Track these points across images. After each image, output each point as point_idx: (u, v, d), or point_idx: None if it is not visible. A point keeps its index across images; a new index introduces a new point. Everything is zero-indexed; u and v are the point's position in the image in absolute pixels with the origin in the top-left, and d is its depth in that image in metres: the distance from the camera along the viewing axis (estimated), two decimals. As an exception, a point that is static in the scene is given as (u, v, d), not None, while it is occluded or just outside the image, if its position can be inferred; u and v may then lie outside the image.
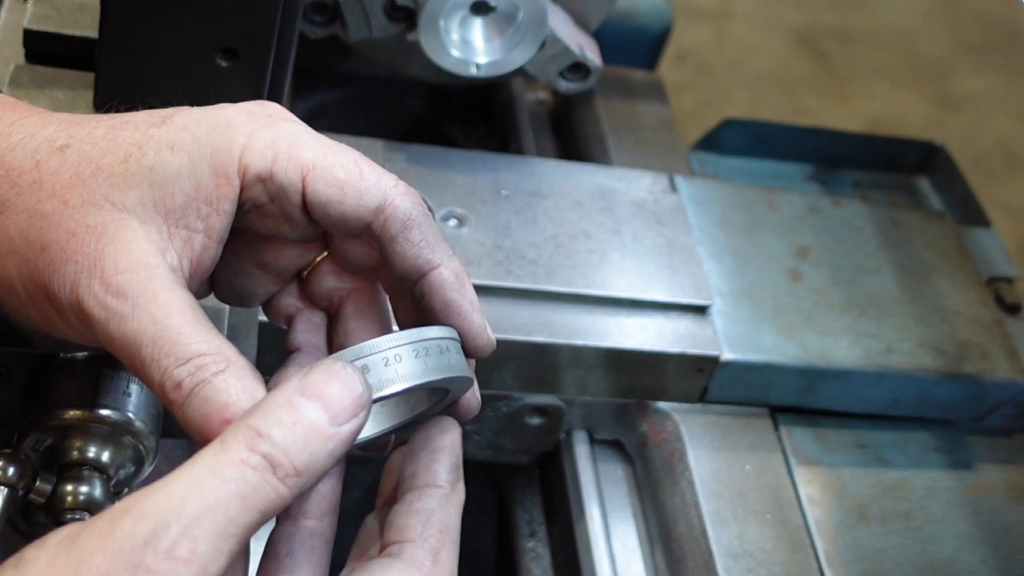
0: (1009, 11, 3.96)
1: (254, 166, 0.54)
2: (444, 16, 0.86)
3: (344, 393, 0.49)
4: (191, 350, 0.50)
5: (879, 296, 0.94)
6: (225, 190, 0.54)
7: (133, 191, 0.53)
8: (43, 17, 0.88)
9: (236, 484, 0.45)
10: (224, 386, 0.50)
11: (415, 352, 0.53)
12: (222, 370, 0.50)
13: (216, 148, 0.54)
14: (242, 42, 0.73)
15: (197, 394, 0.49)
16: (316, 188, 0.55)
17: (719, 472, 0.83)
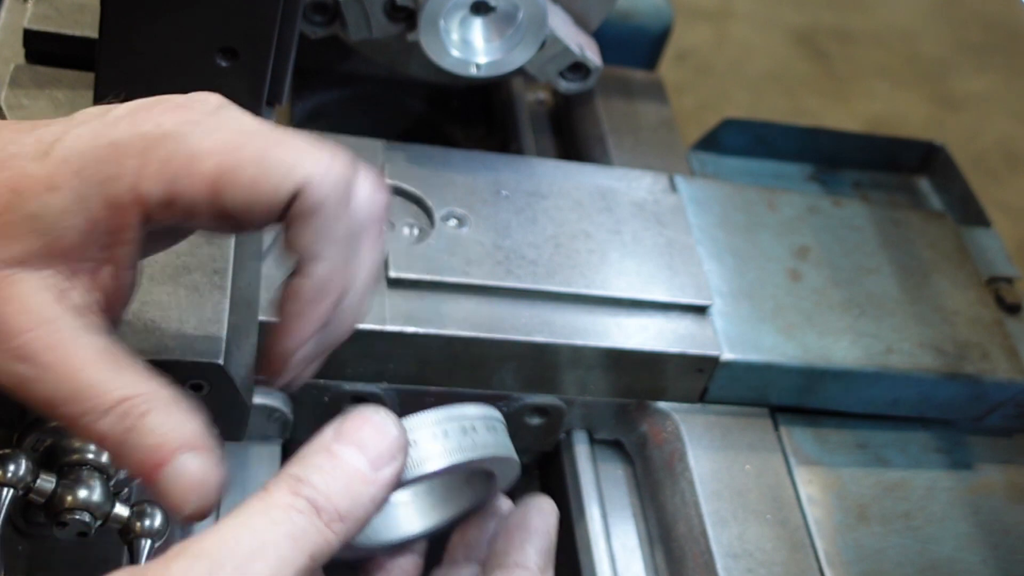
0: (1009, 11, 3.96)
1: (153, 194, 0.49)
2: (444, 16, 0.86)
3: (379, 437, 0.49)
4: (110, 399, 0.48)
5: (879, 296, 0.94)
6: (124, 219, 0.49)
7: (18, 244, 0.48)
8: (43, 17, 0.88)
9: (286, 525, 0.45)
10: (152, 427, 0.48)
11: (447, 432, 0.52)
12: (147, 411, 0.48)
13: (105, 178, 0.48)
14: (242, 42, 0.73)
15: (127, 442, 0.48)
16: (228, 197, 0.49)
17: (719, 472, 0.83)
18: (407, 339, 0.78)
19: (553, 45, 0.92)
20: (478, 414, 0.54)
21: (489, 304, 0.81)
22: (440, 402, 0.83)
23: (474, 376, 0.82)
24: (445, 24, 0.87)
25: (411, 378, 0.81)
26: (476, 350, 0.80)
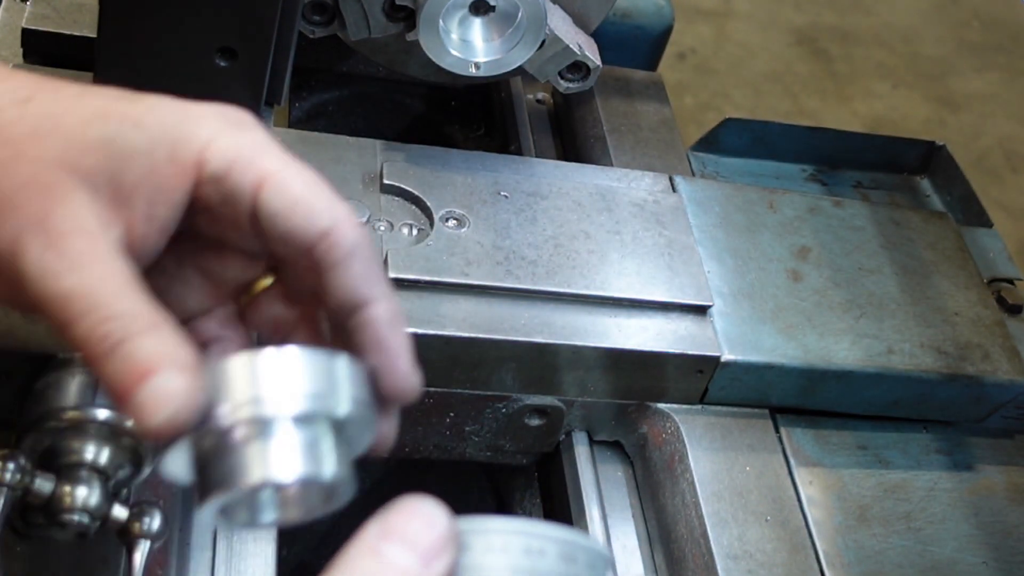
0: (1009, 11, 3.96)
1: (212, 164, 0.53)
2: (443, 16, 0.86)
3: (428, 531, 0.46)
4: (119, 309, 0.49)
5: (880, 297, 0.94)
6: (179, 181, 0.53)
7: (88, 158, 0.52)
8: (41, 17, 0.88)
9: None
10: (146, 345, 0.48)
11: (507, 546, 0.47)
12: (147, 330, 0.49)
13: (179, 137, 0.53)
14: (241, 42, 0.73)
15: (118, 350, 0.48)
16: (268, 198, 0.53)
17: (719, 473, 0.83)
18: (406, 340, 0.77)
19: (553, 44, 0.92)
20: (557, 537, 0.47)
21: (488, 304, 0.81)
22: (440, 403, 0.83)
23: (473, 377, 0.82)
24: (444, 24, 0.87)
25: (410, 379, 0.81)
26: (475, 351, 0.80)
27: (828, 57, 3.54)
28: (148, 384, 0.47)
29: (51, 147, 0.51)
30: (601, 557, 0.48)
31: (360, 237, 0.54)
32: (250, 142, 0.54)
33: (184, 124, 0.53)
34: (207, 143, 0.53)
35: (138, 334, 0.48)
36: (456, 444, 0.88)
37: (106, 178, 0.52)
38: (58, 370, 0.67)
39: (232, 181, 0.53)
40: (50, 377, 0.67)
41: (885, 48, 3.66)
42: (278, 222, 0.53)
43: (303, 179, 0.54)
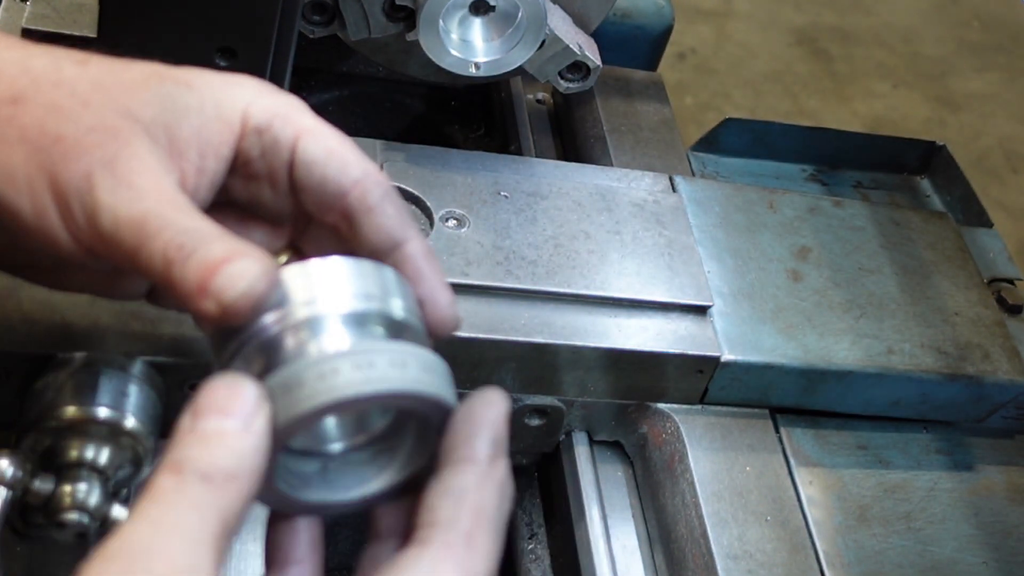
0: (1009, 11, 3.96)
1: (255, 118, 0.58)
2: (443, 16, 0.86)
3: (234, 396, 0.49)
4: (192, 225, 0.53)
5: (880, 297, 0.94)
6: (226, 135, 0.57)
7: (147, 110, 0.56)
8: (41, 16, 0.88)
9: (182, 504, 0.45)
10: (219, 246, 0.52)
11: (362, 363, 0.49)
12: (220, 238, 0.52)
13: (224, 97, 0.58)
14: (241, 42, 0.73)
15: (194, 255, 0.51)
16: (307, 147, 0.58)
17: (719, 473, 0.83)
18: (406, 340, 0.77)
19: (553, 44, 0.92)
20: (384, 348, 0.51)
21: (488, 304, 0.81)
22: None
23: (473, 377, 0.82)
24: (444, 24, 0.87)
25: (410, 379, 0.81)
26: (475, 350, 0.80)
27: (828, 57, 3.55)
28: (225, 269, 0.51)
29: (113, 98, 0.55)
30: (435, 361, 0.51)
31: (389, 185, 0.59)
32: (287, 102, 0.59)
33: (228, 87, 0.58)
34: (249, 102, 0.58)
35: (212, 240, 0.52)
36: (456, 444, 0.87)
37: (162, 130, 0.56)
38: (58, 370, 0.67)
39: (273, 133, 0.58)
40: (50, 377, 0.67)
41: (885, 48, 3.66)
42: (315, 170, 0.58)
43: (336, 135, 0.59)
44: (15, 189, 0.54)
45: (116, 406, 0.66)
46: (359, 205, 0.58)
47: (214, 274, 0.51)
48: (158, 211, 0.53)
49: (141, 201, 0.53)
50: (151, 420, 0.68)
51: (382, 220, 0.58)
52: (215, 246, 0.52)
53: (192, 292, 0.51)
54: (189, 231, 0.52)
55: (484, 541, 0.50)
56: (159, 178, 0.54)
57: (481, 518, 0.51)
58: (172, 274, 0.51)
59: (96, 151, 0.54)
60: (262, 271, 0.51)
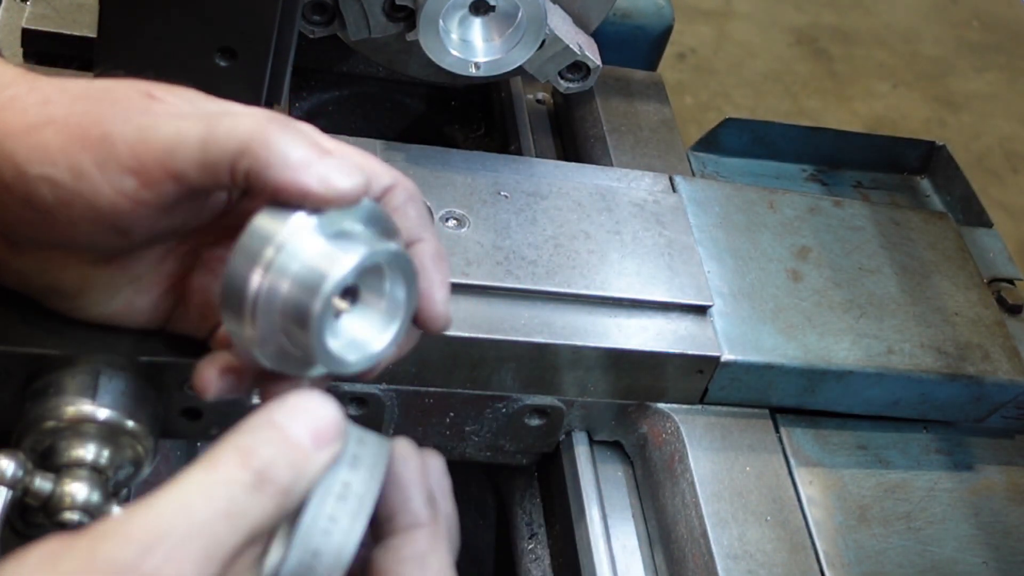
0: (1009, 11, 3.96)
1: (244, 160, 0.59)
2: (443, 16, 0.86)
3: (323, 413, 0.49)
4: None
5: (880, 297, 0.94)
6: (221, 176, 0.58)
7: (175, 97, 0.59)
8: (41, 16, 0.88)
9: (225, 503, 0.44)
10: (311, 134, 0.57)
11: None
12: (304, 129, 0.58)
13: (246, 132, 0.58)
14: (241, 42, 0.73)
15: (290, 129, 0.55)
16: None
17: (719, 473, 0.83)
18: (406, 340, 0.77)
19: (553, 44, 0.92)
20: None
21: (488, 304, 0.81)
22: (440, 403, 0.83)
23: (473, 377, 0.82)
24: (444, 24, 0.87)
25: (410, 379, 0.81)
26: (475, 351, 0.80)
27: (828, 57, 3.55)
28: (329, 160, 0.54)
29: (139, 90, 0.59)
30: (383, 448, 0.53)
31: (416, 190, 0.62)
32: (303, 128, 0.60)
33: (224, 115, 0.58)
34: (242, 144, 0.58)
35: (297, 128, 0.56)
36: (456, 444, 0.88)
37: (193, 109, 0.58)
38: (58, 370, 0.67)
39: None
40: (50, 377, 0.67)
41: (885, 48, 3.66)
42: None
43: (359, 153, 0.61)
44: (50, 162, 0.56)
45: (116, 406, 0.66)
46: (387, 206, 0.60)
47: (321, 159, 0.54)
48: (222, 106, 0.58)
49: (197, 105, 0.58)
50: (151, 420, 0.68)
51: (403, 221, 0.60)
52: (305, 135, 0.56)
53: (293, 163, 0.53)
54: (272, 115, 0.56)
55: None
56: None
57: (442, 570, 0.52)
58: (269, 136, 0.54)
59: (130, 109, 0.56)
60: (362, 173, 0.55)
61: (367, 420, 0.82)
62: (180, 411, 0.75)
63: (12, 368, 0.69)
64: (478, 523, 1.01)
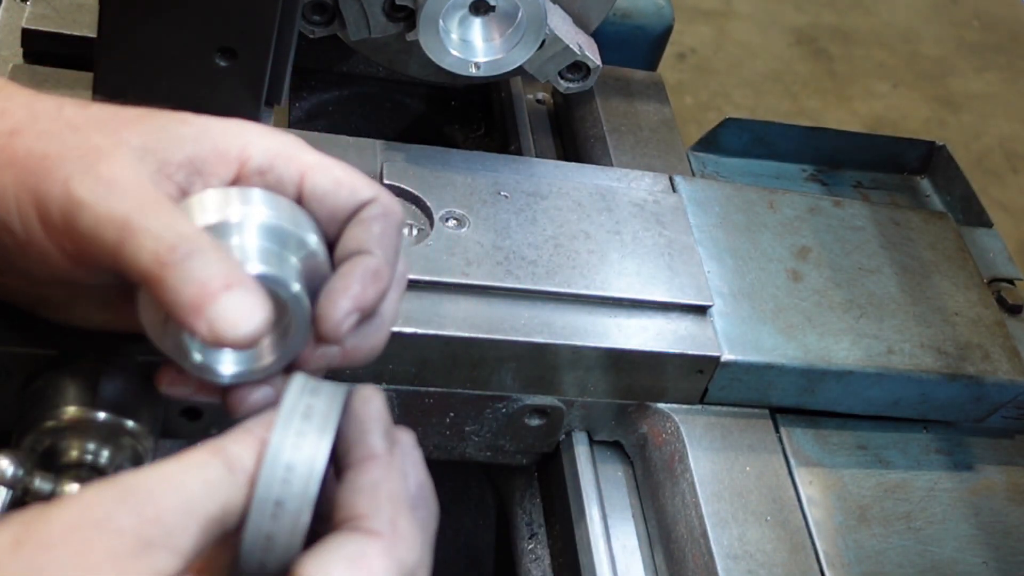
0: (1009, 11, 3.96)
1: (255, 158, 0.59)
2: (443, 16, 0.86)
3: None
4: (183, 228, 0.54)
5: (880, 297, 0.94)
6: (220, 168, 0.58)
7: (139, 136, 0.57)
8: (41, 16, 0.88)
9: (199, 470, 0.49)
10: (215, 261, 0.53)
11: None
12: (212, 249, 0.54)
13: (222, 134, 0.59)
14: (241, 42, 0.73)
15: (195, 257, 0.52)
16: (315, 182, 0.59)
17: (719, 473, 0.83)
18: (406, 340, 0.77)
19: (553, 44, 0.92)
20: None
21: (488, 304, 0.81)
22: (440, 403, 0.83)
23: (473, 377, 0.82)
24: (444, 24, 0.87)
25: (410, 379, 0.81)
26: (475, 351, 0.80)
27: (828, 57, 3.55)
28: (226, 299, 0.52)
29: (107, 125, 0.58)
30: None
31: (397, 211, 0.60)
32: (287, 141, 0.60)
33: (227, 126, 0.60)
34: (248, 142, 0.59)
35: (207, 251, 0.53)
36: (456, 444, 0.88)
37: (152, 154, 0.57)
38: (58, 370, 0.67)
39: (276, 172, 0.59)
40: (50, 377, 0.67)
41: (885, 48, 3.66)
42: (327, 201, 0.59)
43: (343, 166, 0.61)
44: (5, 209, 0.56)
45: (116, 406, 0.66)
46: (356, 218, 0.59)
47: (213, 299, 0.52)
48: (143, 208, 0.54)
49: (123, 199, 0.54)
50: (151, 420, 0.68)
51: (358, 231, 0.59)
52: (212, 261, 0.53)
53: (185, 306, 0.52)
54: (181, 234, 0.53)
55: (407, 525, 0.52)
56: (144, 183, 0.55)
57: (399, 505, 0.52)
58: (164, 276, 0.52)
59: (78, 163, 0.55)
60: (264, 315, 0.53)
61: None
62: (180, 411, 0.75)
63: (12, 368, 0.69)
64: (478, 523, 1.01)
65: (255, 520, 0.49)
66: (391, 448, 0.54)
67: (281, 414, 0.51)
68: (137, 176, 0.55)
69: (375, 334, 0.61)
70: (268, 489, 0.49)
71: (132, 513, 0.46)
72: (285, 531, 0.49)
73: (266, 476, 0.50)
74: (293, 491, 0.49)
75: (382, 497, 0.52)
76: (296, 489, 0.50)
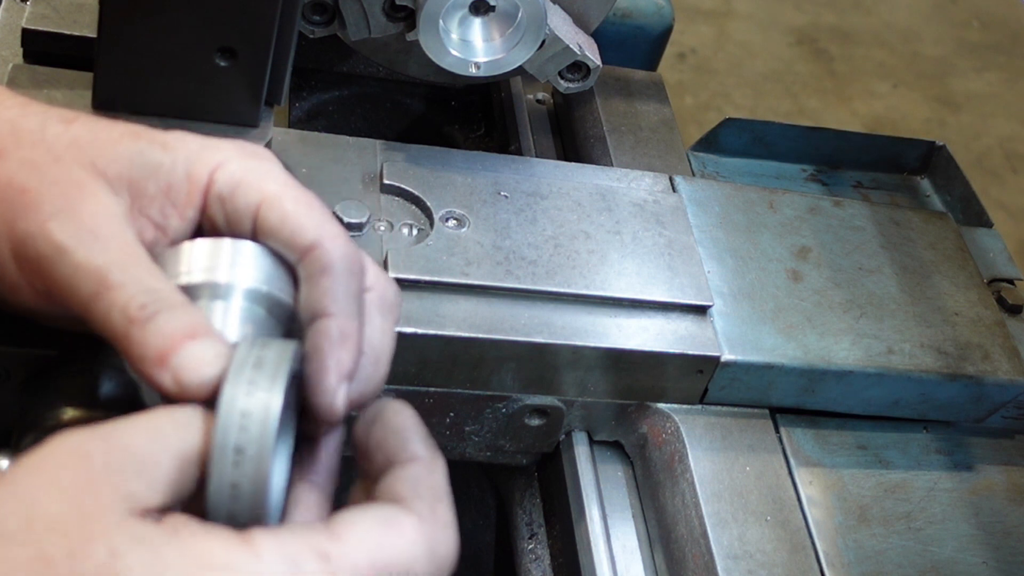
0: (1009, 11, 3.96)
1: (219, 183, 0.58)
2: (443, 16, 0.86)
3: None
4: (154, 284, 0.54)
5: (880, 297, 0.94)
6: (193, 196, 0.58)
7: (114, 166, 0.57)
8: (41, 16, 0.88)
9: (154, 420, 0.50)
10: (182, 317, 0.53)
11: None
12: (180, 306, 0.54)
13: (197, 159, 0.58)
14: (241, 42, 0.73)
15: (156, 319, 0.52)
16: (265, 215, 0.58)
17: (719, 473, 0.83)
18: (406, 340, 0.77)
19: (553, 44, 0.92)
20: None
21: (488, 304, 0.81)
22: (440, 403, 0.83)
23: (473, 377, 0.82)
24: (444, 24, 0.87)
25: (410, 379, 0.81)
26: (475, 351, 0.80)
27: (828, 57, 3.55)
28: (188, 348, 0.52)
29: (86, 153, 0.57)
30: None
31: (342, 255, 0.57)
32: (257, 167, 0.59)
33: (203, 149, 0.59)
34: (219, 165, 0.58)
35: (174, 308, 0.53)
36: (456, 444, 0.88)
37: (126, 185, 0.57)
38: (58, 370, 0.67)
39: (236, 202, 0.58)
40: (50, 377, 0.67)
41: (885, 48, 3.66)
42: (271, 238, 0.57)
43: (297, 198, 0.58)
44: None
45: (116, 406, 0.66)
46: (304, 272, 0.57)
47: (176, 350, 0.52)
48: (119, 263, 0.54)
49: (102, 251, 0.54)
50: (151, 420, 0.68)
51: (309, 291, 0.57)
52: (178, 316, 0.53)
53: (149, 359, 0.52)
54: (152, 291, 0.53)
55: (444, 512, 0.52)
56: (122, 230, 0.56)
57: (439, 495, 0.53)
58: (131, 333, 0.52)
59: (58, 201, 0.55)
60: (222, 361, 0.52)
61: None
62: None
63: (12, 368, 0.69)
64: (478, 523, 1.01)
65: (217, 469, 0.49)
66: (434, 452, 0.55)
67: (232, 367, 0.51)
68: (116, 220, 0.56)
69: (374, 374, 0.59)
70: (225, 436, 0.50)
71: (100, 440, 0.48)
72: (248, 478, 0.49)
73: (222, 424, 0.50)
74: (251, 436, 0.49)
75: (423, 487, 0.52)
76: (254, 434, 0.50)
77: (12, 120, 0.58)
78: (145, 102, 0.76)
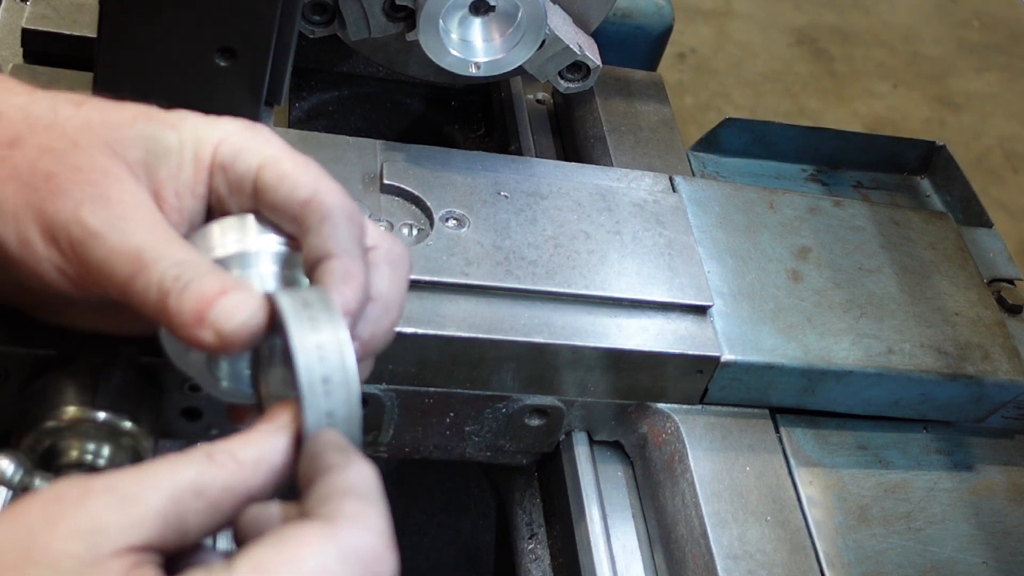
0: (1009, 11, 3.96)
1: (221, 154, 0.60)
2: (443, 16, 0.86)
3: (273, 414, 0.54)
4: (186, 257, 0.56)
5: (880, 297, 0.94)
6: (201, 175, 0.60)
7: (131, 151, 0.59)
8: (41, 16, 0.88)
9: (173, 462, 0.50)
10: (215, 279, 0.55)
11: None
12: (213, 271, 0.56)
13: (202, 137, 0.60)
14: (241, 42, 0.73)
15: (191, 287, 0.54)
16: (264, 176, 0.59)
17: (719, 473, 0.83)
18: (406, 340, 0.77)
19: (553, 44, 0.92)
20: None
21: (488, 304, 0.81)
22: (440, 403, 0.83)
23: (473, 377, 0.82)
24: (444, 24, 0.87)
25: (410, 379, 0.81)
26: (475, 351, 0.80)
27: (828, 57, 3.55)
28: (222, 300, 0.54)
29: (101, 137, 0.58)
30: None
31: (340, 203, 0.59)
32: (256, 136, 0.61)
33: (207, 126, 0.61)
34: (222, 139, 0.60)
35: (206, 273, 0.55)
36: (456, 444, 0.88)
37: (144, 171, 0.59)
38: (58, 370, 0.67)
39: (237, 168, 0.60)
40: (50, 377, 0.67)
41: (885, 48, 3.66)
42: (268, 195, 0.59)
43: (294, 160, 0.60)
44: (2, 221, 0.57)
45: (116, 406, 0.66)
46: (303, 225, 0.59)
47: (212, 305, 0.54)
48: (152, 243, 0.56)
49: (135, 233, 0.56)
50: (151, 420, 0.68)
51: (312, 240, 0.58)
52: (209, 279, 0.55)
53: (188, 322, 0.54)
54: (184, 263, 0.55)
55: (363, 512, 0.51)
56: (151, 212, 0.58)
57: (356, 496, 0.52)
58: (168, 304, 0.54)
59: (87, 187, 0.56)
60: (258, 303, 0.54)
61: (367, 420, 0.82)
62: (180, 411, 0.75)
63: (12, 368, 0.69)
64: (478, 523, 1.01)
65: (311, 403, 0.51)
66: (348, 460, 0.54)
67: (286, 312, 0.53)
68: (144, 203, 0.58)
69: (384, 318, 0.61)
70: (310, 371, 0.52)
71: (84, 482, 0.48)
72: (341, 403, 0.52)
73: (303, 362, 0.51)
74: (333, 365, 0.52)
75: (334, 491, 0.52)
76: (335, 362, 0.52)
77: (22, 106, 0.59)
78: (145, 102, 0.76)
